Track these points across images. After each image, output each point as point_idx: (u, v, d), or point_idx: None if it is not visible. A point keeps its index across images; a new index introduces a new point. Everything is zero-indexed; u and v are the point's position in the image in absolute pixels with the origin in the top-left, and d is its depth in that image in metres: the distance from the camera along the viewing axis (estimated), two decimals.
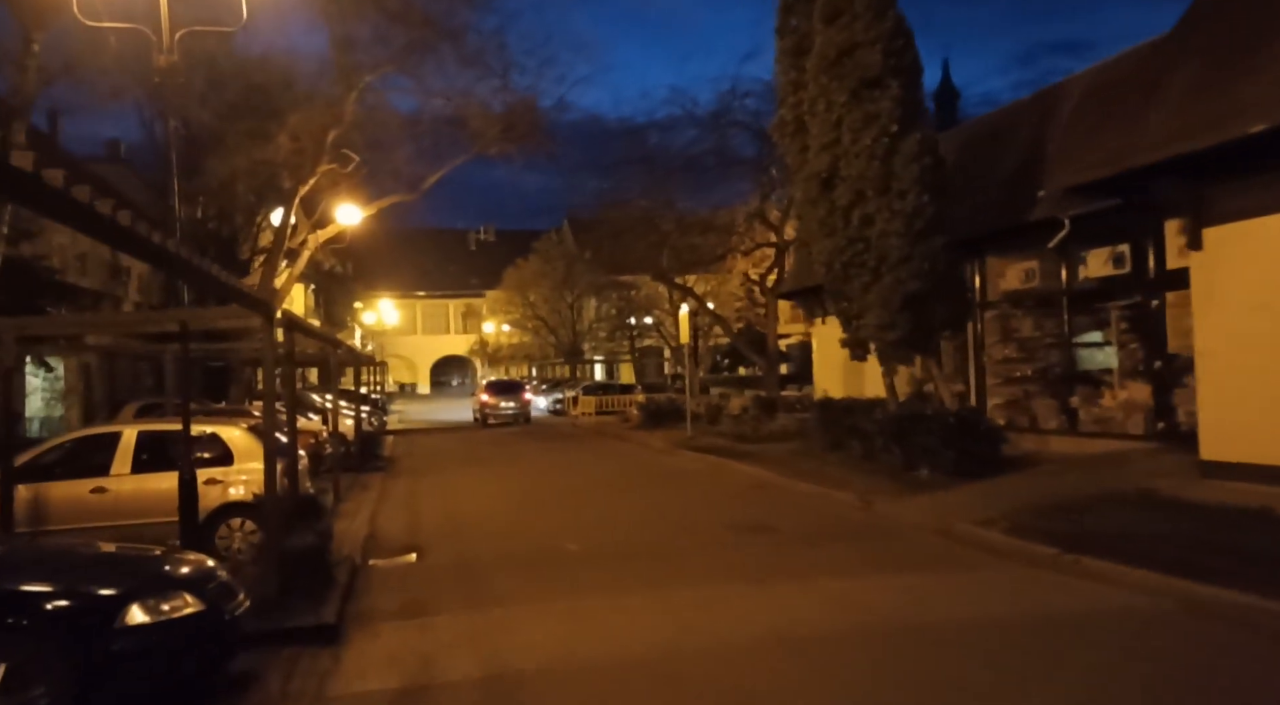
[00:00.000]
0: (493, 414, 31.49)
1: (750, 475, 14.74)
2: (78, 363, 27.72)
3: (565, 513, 11.94)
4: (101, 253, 30.65)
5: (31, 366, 23.66)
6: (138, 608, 4.62)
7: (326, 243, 20.95)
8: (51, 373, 24.86)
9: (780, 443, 19.17)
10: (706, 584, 7.55)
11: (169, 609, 4.71)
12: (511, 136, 22.46)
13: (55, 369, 24.72)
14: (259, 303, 7.00)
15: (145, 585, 4.82)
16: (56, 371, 24.85)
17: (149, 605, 4.65)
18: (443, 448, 24.01)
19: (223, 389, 27.55)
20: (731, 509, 11.64)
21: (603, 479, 15.53)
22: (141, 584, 4.82)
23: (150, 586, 4.82)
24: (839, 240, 12.90)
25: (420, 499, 13.95)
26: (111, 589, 4.73)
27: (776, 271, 30.44)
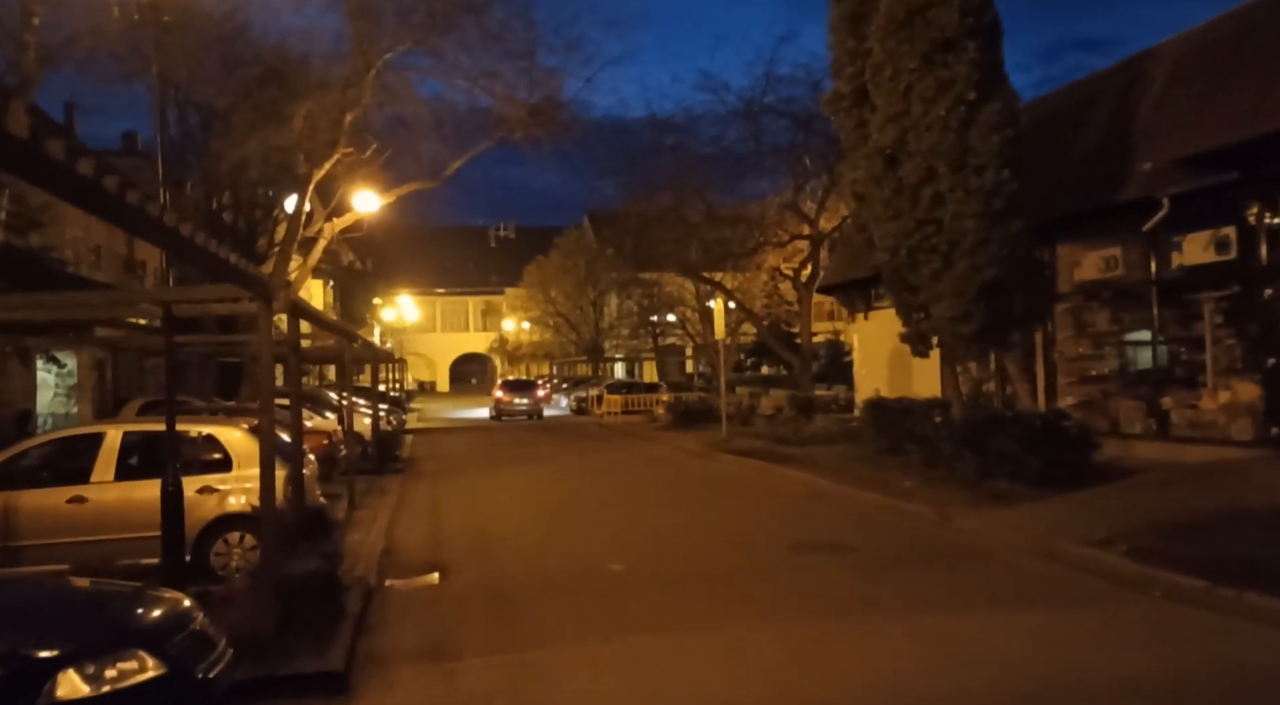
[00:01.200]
0: (507, 411, 32.19)
1: (802, 482, 13.47)
2: (91, 358, 26.96)
3: (602, 524, 10.74)
4: (117, 247, 29.97)
5: (42, 362, 22.90)
6: (74, 674, 3.46)
7: (343, 232, 19.90)
8: (64, 368, 24.02)
9: (824, 446, 17.90)
10: (783, 620, 6.32)
11: (116, 674, 3.54)
12: (538, 121, 21.30)
13: (67, 365, 23.92)
14: (255, 281, 5.85)
15: (89, 644, 3.65)
16: (69, 367, 24.08)
17: (89, 671, 3.49)
18: (464, 448, 22.91)
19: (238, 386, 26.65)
20: (790, 522, 10.39)
21: (638, 485, 14.32)
22: (84, 642, 3.66)
23: (95, 645, 3.66)
24: (905, 223, 11.60)
25: (442, 506, 12.81)
26: (44, 649, 3.57)
27: (811, 265, 29.13)
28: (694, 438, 21.76)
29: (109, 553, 7.49)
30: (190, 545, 7.78)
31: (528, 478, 15.89)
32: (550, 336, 53.98)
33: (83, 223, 26.19)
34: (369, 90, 17.87)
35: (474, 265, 72.09)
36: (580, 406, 38.05)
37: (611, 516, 11.28)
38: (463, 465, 18.41)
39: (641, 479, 15.11)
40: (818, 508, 11.47)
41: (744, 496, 12.71)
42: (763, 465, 15.60)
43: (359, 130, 18.67)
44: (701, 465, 16.84)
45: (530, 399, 33.26)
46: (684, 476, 15.28)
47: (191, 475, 7.92)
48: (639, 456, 19.28)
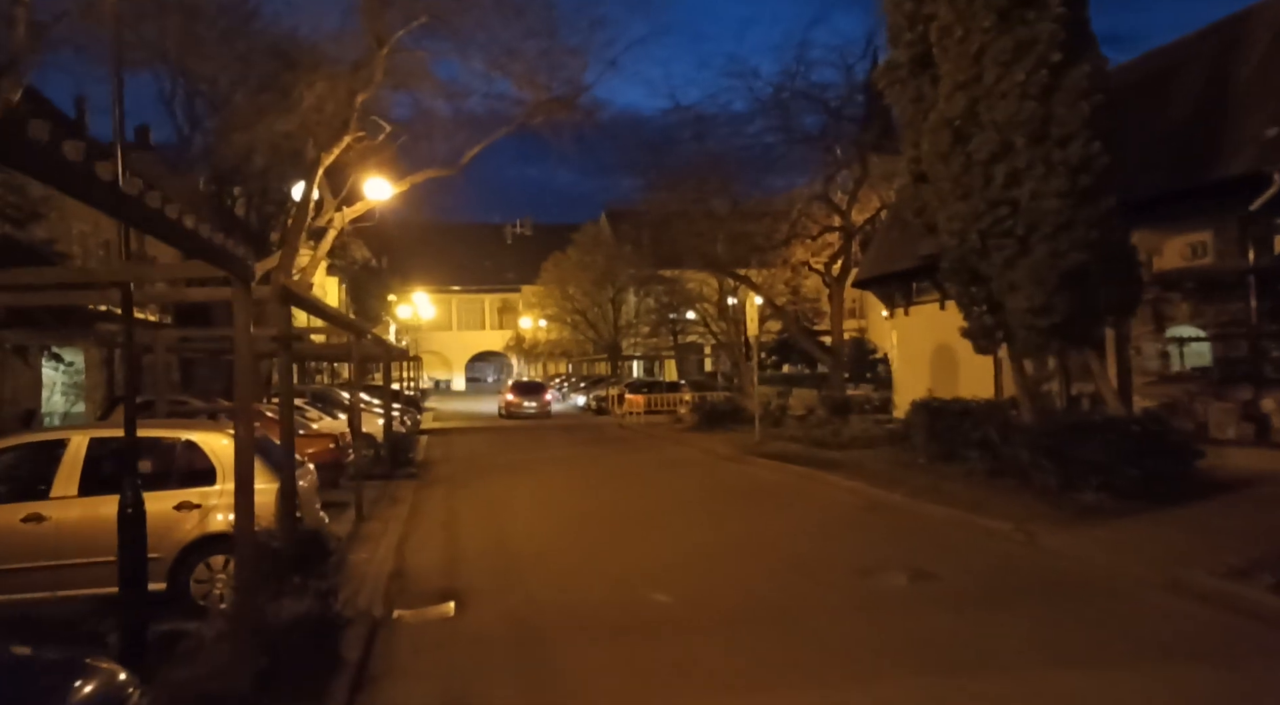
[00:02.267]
0: (516, 411, 33.23)
1: (852, 492, 12.24)
2: (99, 355, 26.14)
3: (640, 541, 9.56)
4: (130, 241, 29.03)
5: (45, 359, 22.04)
6: None
7: (355, 221, 18.85)
8: (70, 365, 23.17)
9: (867, 450, 16.66)
10: (880, 676, 5.13)
11: None
12: (559, 106, 20.19)
13: (73, 362, 23.09)
14: (229, 259, 4.72)
15: None
16: (76, 364, 23.26)
17: None
18: (482, 450, 21.81)
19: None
20: (851, 541, 9.17)
21: (672, 493, 13.13)
22: None
23: None
24: (975, 204, 10.34)
25: (459, 517, 11.67)
26: None
27: (842, 259, 27.83)
28: (723, 440, 20.56)
29: (71, 580, 6.41)
30: (167, 571, 6.70)
31: (551, 484, 14.74)
32: (567, 334, 52.90)
33: (90, 217, 25.28)
34: (380, 69, 16.79)
35: (490, 262, 71.26)
36: (600, 406, 36.92)
37: (648, 531, 10.09)
38: (480, 469, 17.30)
39: (674, 486, 13.92)
40: (877, 522, 10.24)
41: (792, 508, 11.49)
42: (804, 471, 14.37)
43: (371, 113, 17.61)
44: (736, 471, 15.63)
45: (538, 401, 34.22)
46: (720, 483, 14.08)
47: (168, 489, 6.83)
48: (667, 460, 18.09)
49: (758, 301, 38.97)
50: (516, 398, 34.23)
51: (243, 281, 4.89)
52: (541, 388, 36.84)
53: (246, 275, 4.88)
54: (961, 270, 11.53)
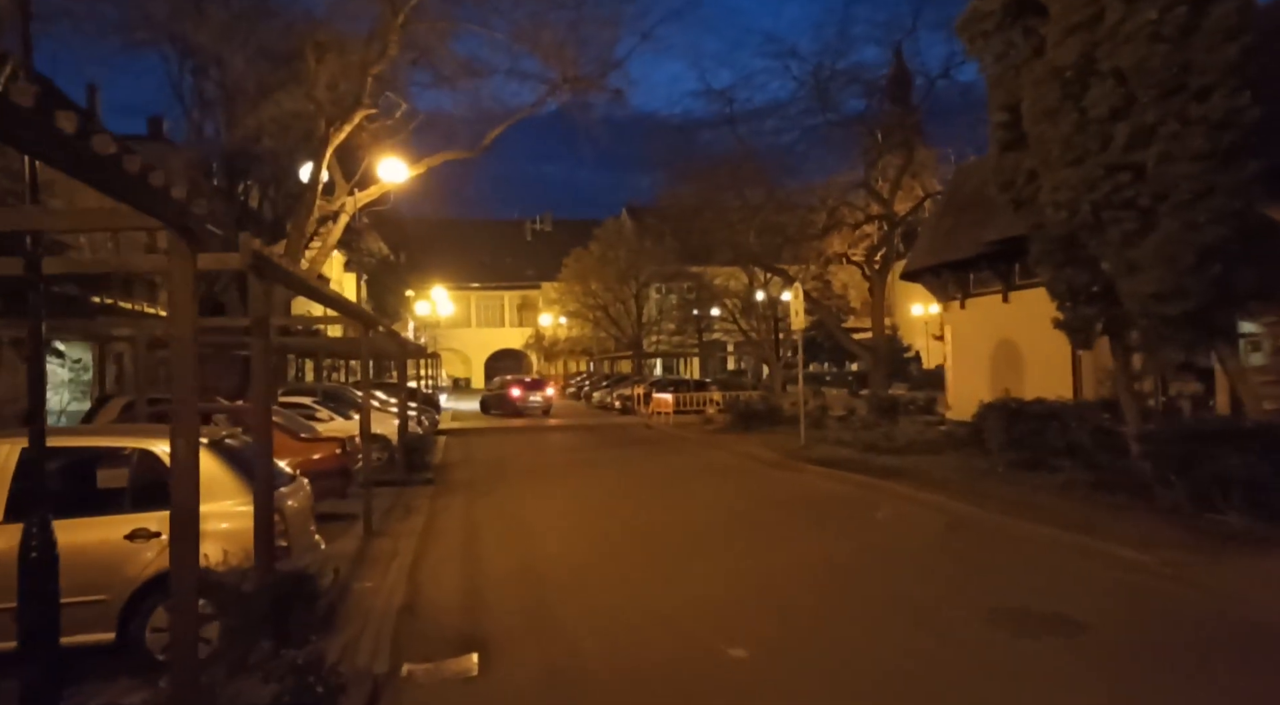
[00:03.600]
0: (523, 406, 34.21)
1: (929, 506, 10.67)
2: (109, 351, 25.11)
3: (695, 568, 8.07)
4: (138, 236, 28.02)
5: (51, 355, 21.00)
6: None
7: (368, 207, 17.49)
8: (79, 362, 22.06)
9: (927, 455, 15.08)
10: None
11: None
12: (587, 84, 18.76)
13: (81, 358, 21.99)
14: (165, 204, 3.28)
15: None
16: (85, 361, 22.16)
17: None
18: (503, 453, 20.40)
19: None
20: (958, 572, 7.63)
21: (722, 506, 11.62)
22: None
23: None
24: (1090, 169, 8.76)
25: (481, 534, 10.23)
26: None
27: (884, 250, 26.23)
28: (762, 443, 19.03)
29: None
30: (116, 616, 5.30)
31: (582, 492, 13.28)
32: (588, 331, 51.52)
33: (96, 205, 24.24)
34: (395, 41, 15.40)
35: (510, 259, 70.18)
36: (625, 405, 35.47)
37: (702, 554, 8.59)
38: (502, 475, 15.87)
39: (721, 497, 12.41)
40: (974, 546, 8.69)
41: (865, 526, 9.95)
42: (865, 480, 12.82)
43: (386, 89, 16.25)
44: (787, 480, 14.08)
45: (542, 396, 35.17)
46: (773, 495, 12.55)
47: (119, 513, 5.43)
48: (706, 466, 16.58)
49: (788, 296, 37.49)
50: (523, 393, 34.99)
51: (185, 237, 3.44)
52: (543, 384, 37.69)
53: (190, 227, 3.44)
54: (1059, 251, 9.95)
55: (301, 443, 10.48)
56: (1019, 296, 17.12)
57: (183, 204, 3.33)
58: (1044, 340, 16.17)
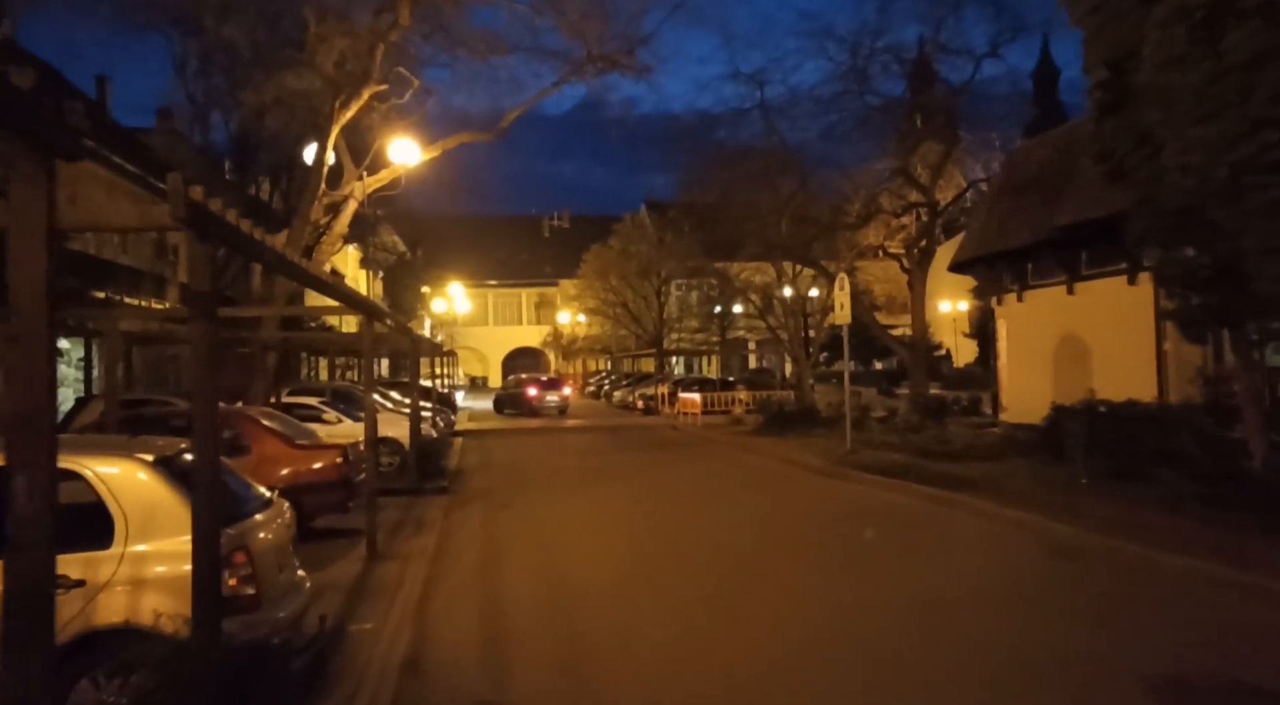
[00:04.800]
0: (539, 407, 33.30)
1: (1020, 526, 9.24)
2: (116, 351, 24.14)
3: (762, 608, 6.71)
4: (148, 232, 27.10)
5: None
6: None
7: (378, 192, 16.27)
8: (83, 361, 21.03)
9: (989, 462, 13.66)
10: None
11: None
12: (612, 59, 17.45)
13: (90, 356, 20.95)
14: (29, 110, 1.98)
15: None
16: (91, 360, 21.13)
17: None
18: (523, 455, 19.15)
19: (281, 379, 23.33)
20: (1081, 618, 6.23)
21: (776, 524, 10.25)
22: None
23: None
24: (1229, 125, 7.33)
25: (502, 557, 8.94)
26: None
27: (925, 241, 24.70)
28: (801, 446, 17.65)
29: None
30: None
31: (612, 505, 11.96)
32: (608, 329, 50.29)
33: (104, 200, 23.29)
34: (407, 10, 14.15)
35: (527, 256, 69.16)
36: (648, 405, 34.14)
37: (770, 592, 7.20)
38: (523, 482, 14.60)
39: (772, 512, 11.05)
40: (1090, 580, 7.29)
41: (950, 551, 8.55)
42: (930, 493, 11.40)
43: (396, 63, 14.99)
44: (840, 490, 12.68)
45: (558, 396, 34.27)
46: (828, 508, 11.17)
47: None
48: (746, 473, 15.23)
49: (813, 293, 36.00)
50: (539, 392, 34.09)
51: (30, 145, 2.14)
52: (559, 383, 36.80)
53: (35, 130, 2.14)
54: (1174, 228, 8.51)
55: (298, 451, 9.25)
56: (1087, 287, 15.64)
57: (27, 95, 2.04)
58: (1117, 335, 14.72)
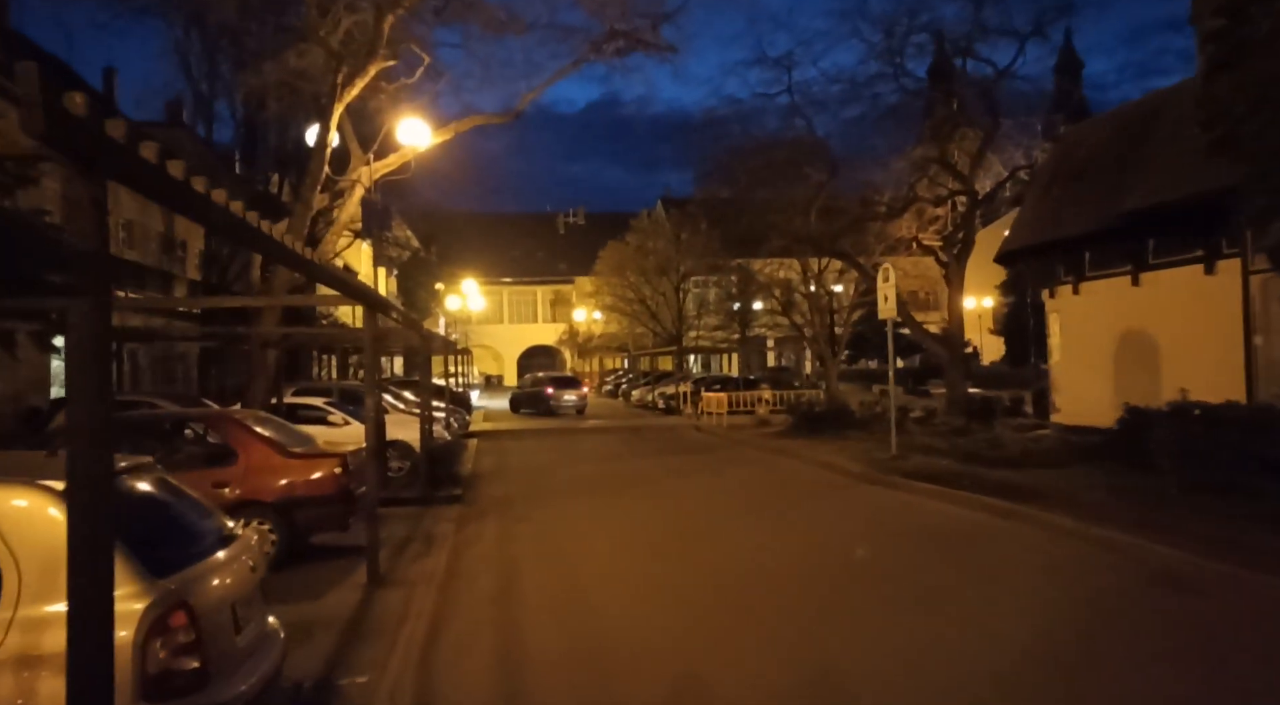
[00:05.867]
0: (557, 406, 32.62)
1: (1113, 548, 8.01)
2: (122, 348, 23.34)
3: (843, 665, 5.57)
4: (152, 223, 26.30)
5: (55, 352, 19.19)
6: None
7: (388, 176, 15.22)
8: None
9: (1052, 469, 12.44)
10: None
11: None
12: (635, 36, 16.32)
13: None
14: None
15: None
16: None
17: None
18: (541, 460, 18.07)
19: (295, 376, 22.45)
20: (1241, 679, 5.05)
21: (830, 544, 9.06)
22: None
23: None
24: None
25: (521, 584, 7.83)
26: None
27: (964, 232, 23.40)
28: (838, 450, 16.46)
29: None
30: None
31: (643, 518, 10.82)
32: (625, 327, 49.14)
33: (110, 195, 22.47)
34: None
35: (542, 253, 68.35)
36: (668, 405, 33.01)
37: (844, 636, 6.03)
38: (542, 490, 13.51)
39: (823, 528, 9.86)
40: (1223, 620, 6.09)
41: (1045, 581, 7.30)
42: (993, 504, 10.17)
43: (405, 38, 13.92)
44: (892, 501, 11.47)
45: (576, 395, 33.66)
46: (885, 523, 9.98)
47: None
48: (784, 481, 14.06)
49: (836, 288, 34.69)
50: (556, 391, 33.45)
51: None
52: (578, 382, 36.28)
53: None
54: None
55: (291, 460, 8.17)
56: (1155, 278, 14.35)
57: None
58: (1191, 329, 13.44)
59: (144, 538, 3.53)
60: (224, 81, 21.20)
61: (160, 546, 3.60)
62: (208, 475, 7.92)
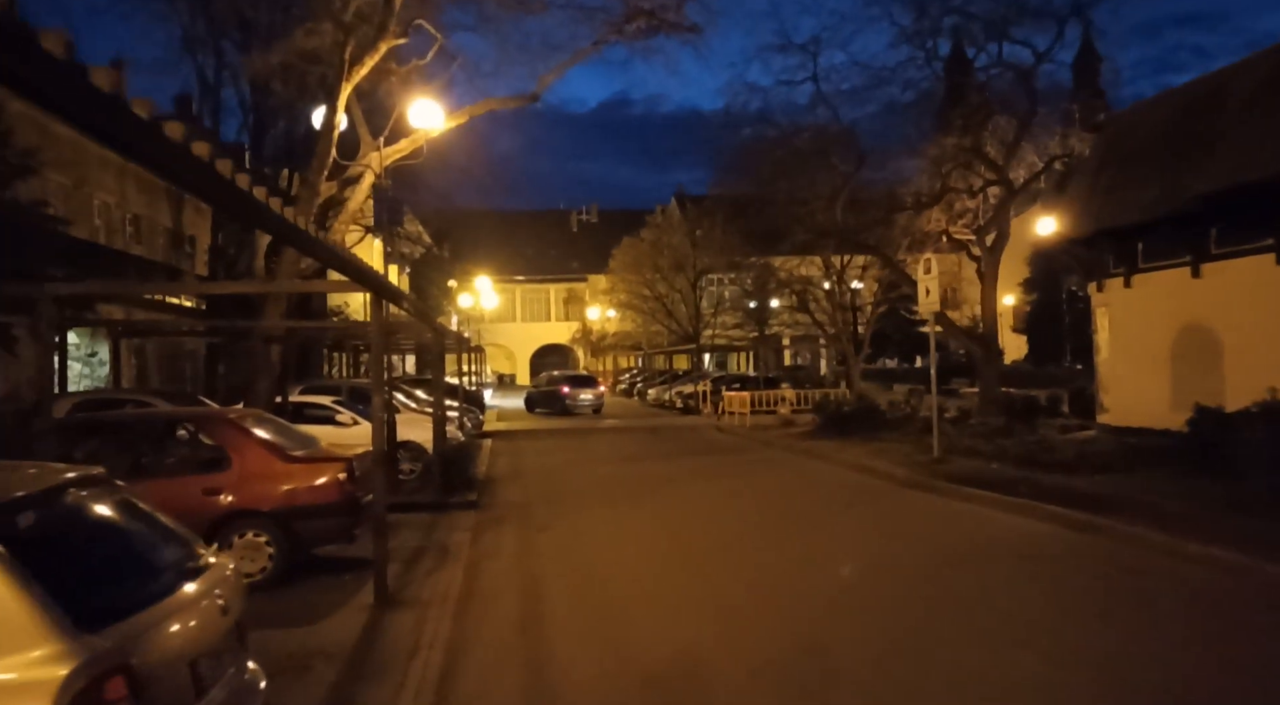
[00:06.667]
0: (573, 405, 31.93)
1: (1230, 571, 7.03)
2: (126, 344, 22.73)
3: None
4: (160, 217, 25.67)
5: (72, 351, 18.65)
6: None
7: (400, 161, 14.41)
8: (94, 356, 19.67)
9: (1112, 475, 11.51)
10: None
11: None
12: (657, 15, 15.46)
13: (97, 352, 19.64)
14: None
15: None
16: (100, 356, 19.76)
17: None
18: (559, 461, 17.23)
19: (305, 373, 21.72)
20: None
21: (894, 567, 8.08)
22: None
23: None
24: None
25: (546, 606, 6.97)
26: None
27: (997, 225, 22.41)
28: (874, 452, 15.55)
29: None
30: None
31: (675, 528, 9.93)
32: (639, 325, 48.31)
33: (114, 188, 21.76)
34: None
35: (555, 251, 67.70)
36: (686, 404, 32.14)
37: (941, 681, 5.14)
38: (563, 494, 12.68)
39: (880, 545, 8.88)
40: None
41: (1150, 612, 6.34)
42: (1068, 516, 9.20)
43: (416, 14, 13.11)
44: (945, 510, 10.52)
45: (593, 395, 32.84)
46: (947, 539, 9.02)
47: None
48: (820, 486, 13.15)
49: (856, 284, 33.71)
50: (572, 391, 32.66)
51: None
52: (594, 381, 35.58)
53: None
54: None
55: (292, 465, 7.36)
56: (1219, 269, 13.35)
57: None
58: (1262, 324, 12.46)
59: (78, 576, 2.71)
60: (231, 69, 20.47)
61: (99, 587, 2.77)
62: (198, 482, 7.13)
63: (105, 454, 7.20)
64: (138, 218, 24.13)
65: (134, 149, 2.70)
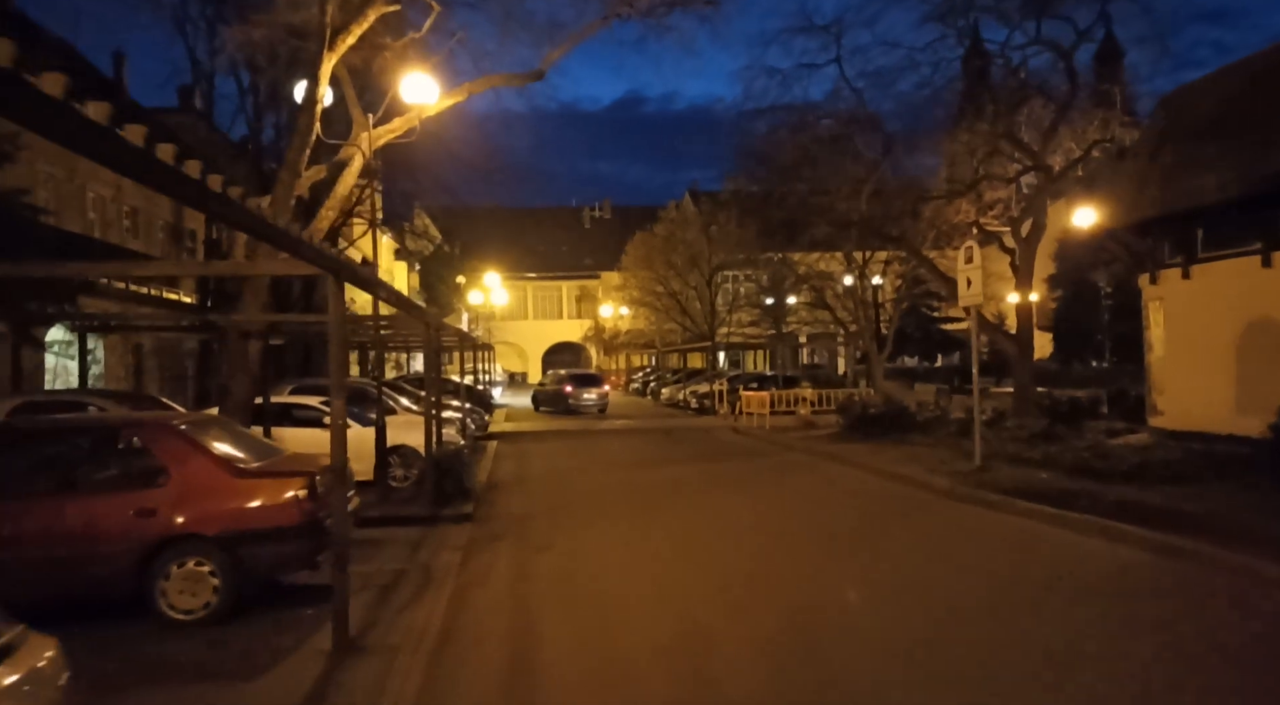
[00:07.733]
0: (576, 404, 31.31)
1: None
2: (125, 342, 21.91)
3: None
4: (159, 212, 24.75)
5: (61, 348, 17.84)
6: None
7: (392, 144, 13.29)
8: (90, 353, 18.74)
9: (1182, 486, 10.25)
10: None
11: None
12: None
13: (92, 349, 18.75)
14: None
15: None
16: (94, 354, 18.86)
17: None
18: (565, 465, 16.07)
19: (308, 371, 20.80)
20: None
21: (956, 603, 6.80)
22: None
23: None
24: None
25: (543, 645, 5.79)
26: None
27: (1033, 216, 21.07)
28: (906, 457, 14.33)
29: None
30: None
31: (695, 551, 8.71)
32: (652, 322, 47.12)
33: (112, 181, 20.79)
34: None
35: (567, 248, 66.72)
36: (701, 404, 30.93)
37: None
38: (568, 505, 11.52)
39: (935, 573, 7.58)
40: None
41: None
42: (1141, 536, 7.96)
43: None
44: (1000, 528, 9.25)
45: (596, 394, 32.04)
46: (1009, 565, 7.76)
47: None
48: (853, 496, 11.92)
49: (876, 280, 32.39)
50: (575, 389, 31.93)
51: None
52: (599, 379, 35.02)
53: None
54: None
55: (242, 480, 6.23)
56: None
57: None
58: None
59: None
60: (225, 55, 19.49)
61: None
62: (129, 500, 6.02)
63: (22, 466, 6.12)
64: (135, 211, 23.23)
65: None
